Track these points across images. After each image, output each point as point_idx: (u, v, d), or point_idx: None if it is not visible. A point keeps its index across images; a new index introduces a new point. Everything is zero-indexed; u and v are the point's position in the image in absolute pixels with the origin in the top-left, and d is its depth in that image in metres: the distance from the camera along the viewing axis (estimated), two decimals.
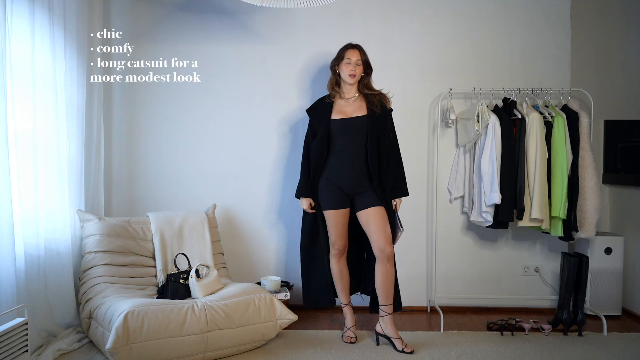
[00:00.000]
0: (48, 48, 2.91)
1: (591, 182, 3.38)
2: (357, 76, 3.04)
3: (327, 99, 3.14)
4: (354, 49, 3.05)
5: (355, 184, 3.00)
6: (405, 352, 2.85)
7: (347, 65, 3.02)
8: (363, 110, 3.04)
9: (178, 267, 3.09)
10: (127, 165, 3.72)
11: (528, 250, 3.76)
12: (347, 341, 3.03)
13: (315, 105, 3.19)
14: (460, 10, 3.74)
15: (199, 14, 3.70)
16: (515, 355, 2.86)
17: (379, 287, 2.94)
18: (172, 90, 3.69)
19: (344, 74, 3.04)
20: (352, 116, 3.03)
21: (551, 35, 3.73)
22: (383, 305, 2.95)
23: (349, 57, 3.02)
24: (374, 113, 3.01)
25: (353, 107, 3.06)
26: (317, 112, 3.13)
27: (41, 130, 2.88)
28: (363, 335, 3.15)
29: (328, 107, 3.08)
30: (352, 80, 3.03)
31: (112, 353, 2.43)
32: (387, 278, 2.91)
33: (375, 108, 3.02)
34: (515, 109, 3.46)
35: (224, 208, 3.71)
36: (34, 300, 2.71)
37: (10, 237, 2.51)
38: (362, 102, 3.07)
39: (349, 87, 3.08)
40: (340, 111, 3.05)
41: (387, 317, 2.94)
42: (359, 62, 3.03)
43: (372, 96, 3.07)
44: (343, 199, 3.01)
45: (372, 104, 3.03)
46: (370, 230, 2.95)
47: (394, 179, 3.07)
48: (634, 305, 3.67)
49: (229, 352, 2.77)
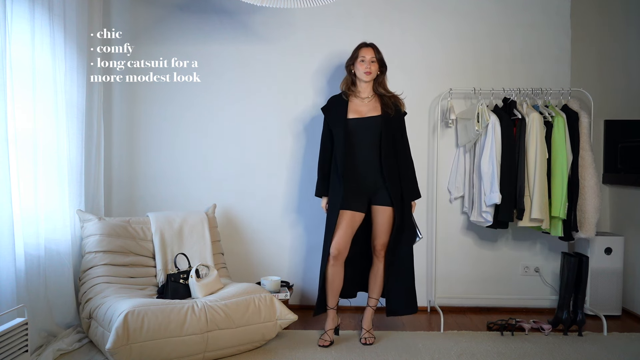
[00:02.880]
0: (48, 48, 2.91)
1: (591, 182, 3.38)
2: (373, 74, 3.07)
3: (342, 96, 3.14)
4: (367, 47, 3.09)
5: (370, 184, 3.02)
6: (361, 342, 3.02)
7: (361, 63, 3.05)
8: (377, 110, 3.06)
9: (178, 267, 3.09)
10: (127, 165, 3.72)
11: (528, 250, 3.76)
12: (320, 344, 2.96)
13: (330, 103, 3.19)
14: (460, 10, 3.74)
15: (199, 14, 3.70)
16: (515, 355, 2.86)
17: (370, 280, 3.13)
18: (172, 90, 3.69)
19: (359, 72, 3.06)
20: (367, 116, 3.05)
21: (551, 35, 3.74)
22: (370, 298, 3.12)
23: (363, 55, 3.05)
24: (387, 114, 3.04)
25: (368, 107, 3.08)
26: (333, 110, 3.14)
27: (41, 130, 2.88)
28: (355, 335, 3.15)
29: (344, 106, 3.09)
30: (368, 78, 3.05)
31: (112, 353, 2.43)
32: (377, 273, 3.09)
33: (389, 110, 3.05)
34: (515, 109, 3.46)
35: (224, 208, 3.72)
36: (34, 300, 2.71)
37: (10, 237, 2.51)
38: (376, 103, 3.09)
39: (364, 86, 3.10)
40: (355, 110, 3.08)
41: (369, 309, 3.13)
42: (374, 60, 3.05)
43: (386, 98, 3.10)
44: (362, 202, 3.02)
45: (386, 106, 3.06)
46: (377, 226, 3.04)
47: (409, 182, 3.09)
48: (634, 305, 3.67)
49: (229, 352, 2.77)
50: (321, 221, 3.70)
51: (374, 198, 3.05)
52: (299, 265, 3.75)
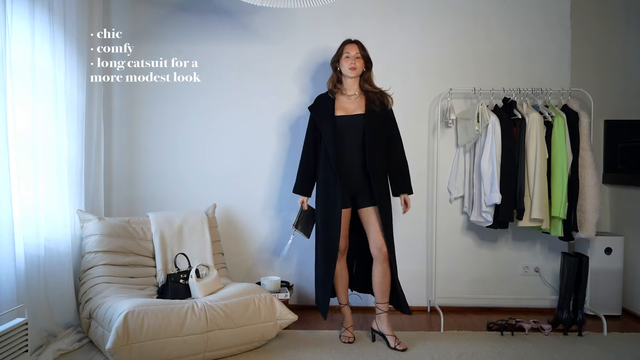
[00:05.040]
0: (48, 48, 2.91)
1: (591, 182, 3.38)
2: (358, 70, 3.04)
3: (329, 94, 3.13)
4: (352, 43, 3.08)
5: (355, 183, 3.00)
6: (397, 349, 2.90)
7: (346, 59, 3.04)
8: (362, 108, 3.04)
9: (178, 267, 3.09)
10: (127, 165, 3.72)
11: (528, 250, 3.76)
12: (345, 341, 3.04)
13: (317, 101, 3.18)
14: (460, 10, 3.74)
15: (199, 14, 3.70)
16: (515, 355, 2.86)
17: (375, 286, 2.99)
18: (172, 90, 3.69)
19: (344, 68, 3.05)
20: (353, 113, 3.03)
21: (551, 35, 3.73)
22: (379, 303, 2.99)
23: (347, 51, 3.05)
24: (372, 111, 3.01)
25: (354, 105, 3.06)
26: (320, 108, 3.12)
27: (41, 130, 2.88)
28: (361, 335, 3.15)
29: (331, 104, 3.08)
30: (353, 74, 3.04)
31: (112, 353, 2.43)
32: (384, 277, 2.96)
33: (375, 106, 3.03)
34: (515, 109, 3.46)
35: (224, 208, 3.71)
36: (34, 300, 2.71)
37: (10, 237, 2.51)
38: (362, 100, 3.07)
39: (350, 83, 3.08)
40: (342, 108, 3.06)
41: (382, 315, 2.99)
42: (358, 56, 3.04)
43: (372, 94, 3.07)
44: (346, 199, 3.01)
45: (372, 102, 3.04)
46: (369, 229, 2.99)
47: (397, 176, 3.08)
48: (634, 305, 3.67)
49: (229, 352, 2.77)
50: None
51: (362, 200, 3.00)
52: (299, 265, 3.75)
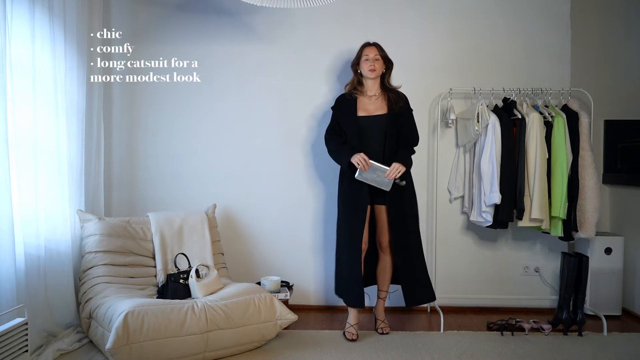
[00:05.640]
0: (48, 48, 2.91)
1: (591, 182, 3.38)
2: (378, 71, 3.14)
3: (350, 95, 3.21)
4: (370, 46, 3.19)
5: None
6: (377, 332, 3.18)
7: (365, 61, 3.14)
8: (384, 109, 3.13)
9: (178, 267, 3.09)
10: (127, 165, 3.72)
11: (528, 250, 3.76)
12: (349, 337, 3.07)
13: (340, 101, 3.26)
14: (460, 10, 3.74)
15: (199, 14, 3.70)
16: (515, 355, 2.86)
17: (377, 275, 3.26)
18: (172, 91, 3.69)
19: (364, 70, 3.15)
20: (375, 114, 3.12)
21: (551, 35, 3.73)
22: (380, 290, 3.25)
23: (366, 53, 3.15)
24: (393, 111, 3.11)
25: (375, 106, 3.16)
26: (343, 108, 3.22)
27: (41, 130, 2.88)
28: (362, 335, 3.15)
29: (353, 103, 3.17)
30: (373, 75, 3.13)
31: (112, 353, 2.43)
32: (385, 267, 3.21)
33: (396, 107, 3.13)
34: (515, 109, 3.46)
35: (224, 208, 3.71)
36: (34, 300, 2.71)
37: (10, 237, 2.51)
38: (383, 101, 3.16)
39: (371, 84, 3.17)
40: (363, 108, 3.16)
41: (380, 301, 3.26)
42: (377, 57, 3.14)
43: (393, 94, 3.17)
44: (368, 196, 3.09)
45: (393, 102, 3.13)
46: (379, 225, 3.17)
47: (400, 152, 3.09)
48: (634, 305, 3.67)
49: (229, 352, 2.77)
50: (322, 221, 3.72)
51: (374, 196, 3.11)
52: (299, 265, 3.75)
